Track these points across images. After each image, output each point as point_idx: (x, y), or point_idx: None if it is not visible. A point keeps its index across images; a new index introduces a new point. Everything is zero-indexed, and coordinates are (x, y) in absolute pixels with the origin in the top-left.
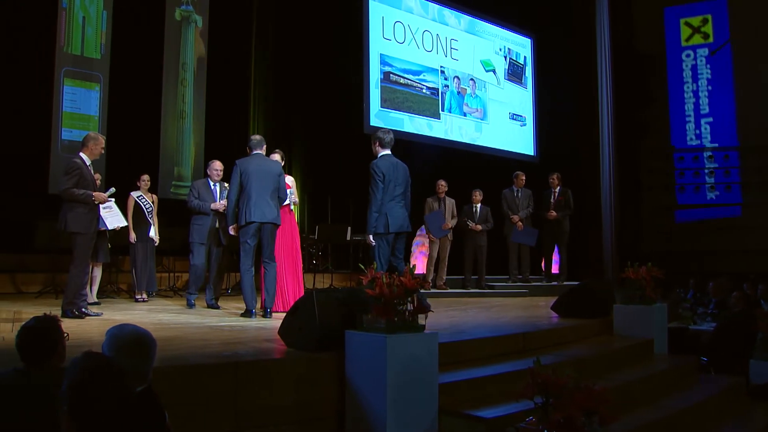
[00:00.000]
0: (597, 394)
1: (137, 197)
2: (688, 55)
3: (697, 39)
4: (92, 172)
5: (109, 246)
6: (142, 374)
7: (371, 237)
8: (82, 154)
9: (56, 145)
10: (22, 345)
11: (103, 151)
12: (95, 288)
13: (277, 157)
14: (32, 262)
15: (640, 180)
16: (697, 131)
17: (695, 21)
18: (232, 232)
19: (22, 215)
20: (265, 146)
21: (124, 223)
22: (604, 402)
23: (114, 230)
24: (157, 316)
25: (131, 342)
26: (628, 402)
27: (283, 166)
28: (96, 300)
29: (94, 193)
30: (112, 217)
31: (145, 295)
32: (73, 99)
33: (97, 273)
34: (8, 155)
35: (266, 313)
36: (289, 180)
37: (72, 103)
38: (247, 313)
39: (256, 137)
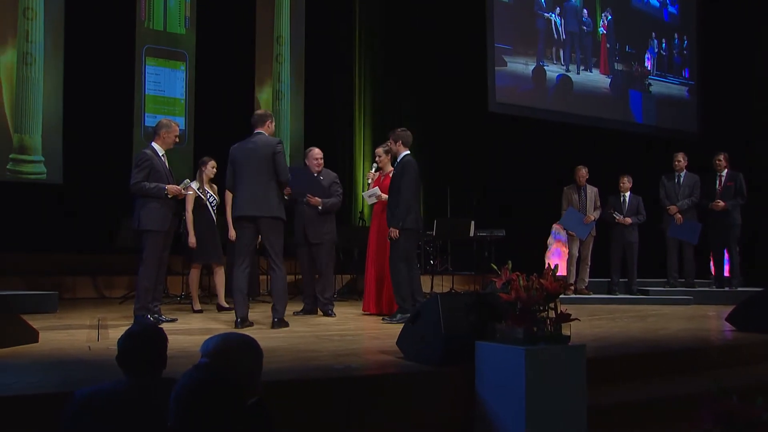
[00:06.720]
0: None
1: None
2: None
3: None
4: (166, 163)
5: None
6: (254, 385)
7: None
8: (154, 144)
9: (139, 133)
10: (127, 353)
11: (177, 140)
12: (221, 292)
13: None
14: (114, 264)
15: None
16: None
17: None
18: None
19: (102, 212)
20: (269, 122)
21: None
22: None
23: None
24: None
25: (240, 350)
26: None
27: None
28: (226, 305)
29: (167, 186)
30: None
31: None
32: (156, 81)
33: (220, 276)
34: (87, 145)
35: (273, 324)
36: None
37: (155, 85)
38: (240, 323)
39: (258, 112)
